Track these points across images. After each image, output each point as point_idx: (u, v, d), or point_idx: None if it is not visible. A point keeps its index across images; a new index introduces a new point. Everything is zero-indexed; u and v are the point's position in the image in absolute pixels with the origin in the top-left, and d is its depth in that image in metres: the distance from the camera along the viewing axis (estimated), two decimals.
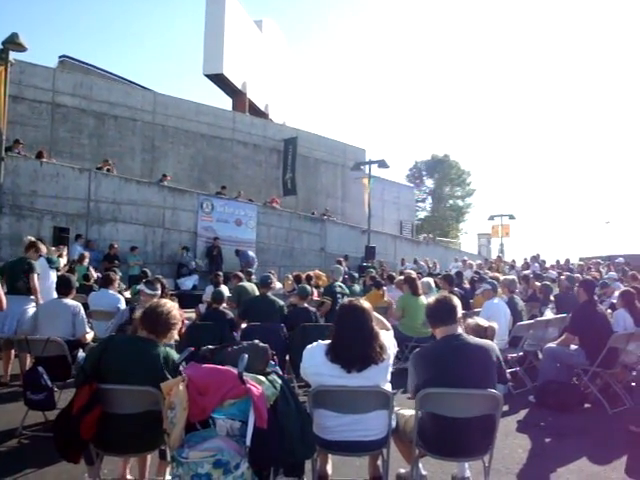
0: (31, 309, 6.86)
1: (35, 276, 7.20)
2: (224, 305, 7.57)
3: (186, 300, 12.43)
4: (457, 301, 3.67)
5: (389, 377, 3.44)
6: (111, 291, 8.09)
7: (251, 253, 17.89)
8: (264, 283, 7.84)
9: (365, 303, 3.51)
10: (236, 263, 17.73)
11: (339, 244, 23.04)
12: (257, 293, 8.86)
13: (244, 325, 7.21)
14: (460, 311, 3.64)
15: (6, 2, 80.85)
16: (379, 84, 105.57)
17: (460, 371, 3.37)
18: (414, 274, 10.67)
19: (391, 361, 3.45)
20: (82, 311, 5.91)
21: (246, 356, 3.08)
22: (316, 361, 3.40)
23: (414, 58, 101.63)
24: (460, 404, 3.38)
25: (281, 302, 7.74)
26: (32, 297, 7.10)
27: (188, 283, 16.62)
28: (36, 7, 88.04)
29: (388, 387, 3.44)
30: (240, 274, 10.86)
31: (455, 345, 3.45)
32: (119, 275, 10.54)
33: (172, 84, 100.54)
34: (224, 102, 28.85)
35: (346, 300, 3.55)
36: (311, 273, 12.86)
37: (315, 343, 3.53)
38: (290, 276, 12.34)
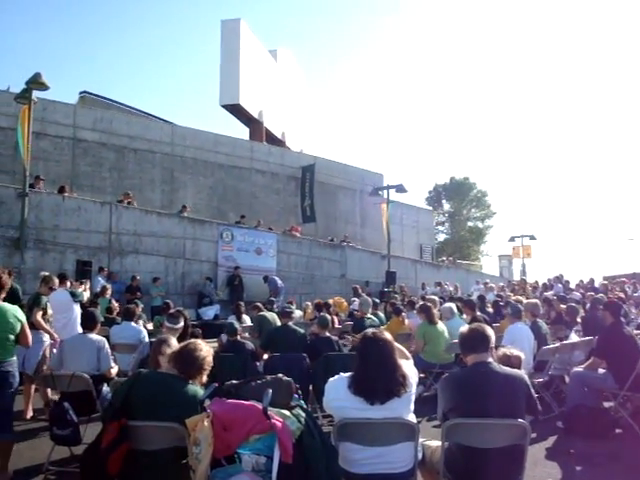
0: (36, 344, 6.88)
1: (38, 311, 7.28)
2: (245, 335, 7.59)
3: (208, 330, 12.42)
4: (490, 331, 3.66)
5: (412, 407, 3.40)
6: (133, 324, 8.15)
7: (279, 280, 17.94)
8: (285, 313, 7.86)
9: (387, 335, 3.48)
10: (256, 292, 17.79)
11: (359, 270, 23.00)
12: (278, 323, 8.86)
13: (266, 356, 7.21)
14: (493, 340, 3.63)
15: (28, 39, 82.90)
16: (395, 109, 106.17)
17: (487, 400, 3.34)
18: (435, 299, 10.61)
19: (414, 390, 3.41)
20: (107, 346, 5.95)
21: (270, 391, 3.08)
22: (339, 394, 3.37)
23: (429, 82, 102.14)
24: (487, 434, 3.34)
25: (302, 331, 7.74)
26: (40, 332, 7.17)
27: (210, 313, 16.64)
28: (56, 44, 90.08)
29: (412, 417, 3.40)
30: (259, 305, 10.91)
31: (483, 372, 3.43)
32: (141, 307, 10.62)
33: (190, 115, 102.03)
34: (241, 131, 29.16)
35: (369, 331, 3.52)
36: (330, 301, 12.87)
37: (337, 376, 3.50)
38: (310, 304, 12.35)
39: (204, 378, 3.72)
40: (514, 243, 32.70)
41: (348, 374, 3.42)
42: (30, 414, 7.11)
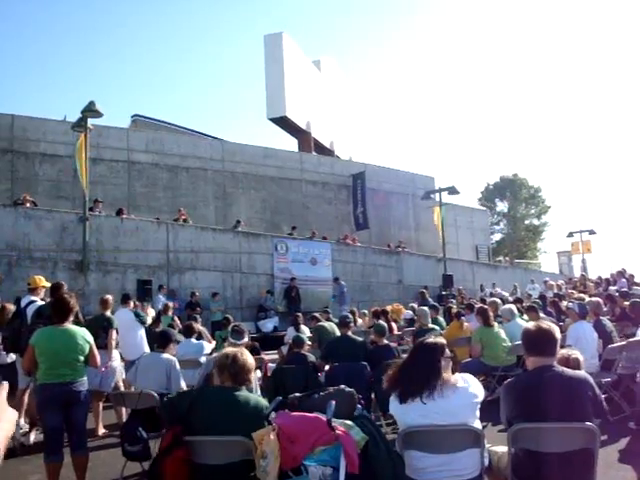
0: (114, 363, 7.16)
1: (113, 332, 7.53)
2: (306, 347, 7.64)
3: (268, 342, 12.60)
4: (559, 333, 3.55)
5: (477, 414, 3.38)
6: (194, 340, 8.33)
7: (345, 286, 18.16)
8: (343, 323, 7.89)
9: (439, 340, 3.49)
10: (312, 302, 17.94)
11: (416, 275, 22.84)
12: (337, 332, 8.88)
13: (327, 367, 7.25)
14: (559, 343, 3.53)
15: (78, 68, 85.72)
16: (442, 110, 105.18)
17: (552, 404, 3.27)
18: (498, 301, 10.46)
19: (480, 399, 3.39)
20: (177, 366, 6.11)
21: (334, 402, 3.13)
22: (393, 403, 3.42)
23: (474, 81, 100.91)
24: (554, 439, 3.29)
25: (361, 339, 7.77)
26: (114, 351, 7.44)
27: (269, 325, 16.83)
28: (105, 70, 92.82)
29: (478, 424, 3.38)
30: (317, 315, 10.96)
31: (548, 377, 3.35)
32: (200, 321, 10.84)
33: (239, 131, 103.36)
34: (290, 143, 29.44)
35: (422, 339, 3.53)
36: (388, 307, 12.83)
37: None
38: (367, 312, 12.34)
39: (251, 379, 3.77)
40: (573, 239, 31.76)
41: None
42: (102, 431, 7.35)
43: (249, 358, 3.67)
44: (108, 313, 8.00)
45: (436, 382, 3.28)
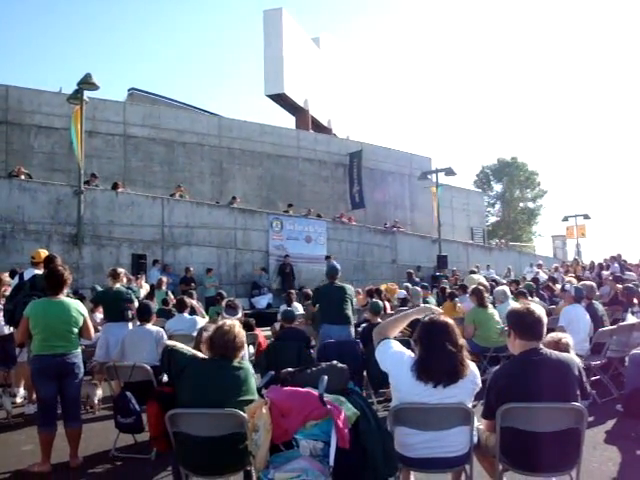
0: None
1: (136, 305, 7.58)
2: (296, 323, 7.70)
3: (262, 319, 12.64)
4: (545, 318, 3.53)
5: (473, 397, 3.42)
6: (186, 315, 8.35)
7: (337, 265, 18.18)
8: (330, 274, 8.36)
9: (446, 319, 3.48)
10: (307, 280, 17.99)
11: (410, 255, 22.90)
12: None
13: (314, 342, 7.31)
14: (545, 326, 3.52)
15: (75, 40, 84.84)
16: (440, 90, 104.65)
17: (541, 385, 3.30)
18: (486, 283, 10.50)
19: (478, 382, 3.43)
20: (165, 336, 6.16)
21: (326, 378, 3.14)
22: (401, 376, 3.40)
23: (472, 62, 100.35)
24: (542, 418, 3.33)
25: (346, 285, 8.35)
26: (129, 323, 7.45)
27: (262, 302, 16.87)
28: (102, 43, 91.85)
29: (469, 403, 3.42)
30: (309, 291, 11.01)
31: (535, 361, 3.37)
32: (195, 296, 10.85)
33: (236, 107, 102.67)
34: (287, 120, 29.25)
35: (427, 318, 3.52)
36: (382, 287, 12.85)
37: (404, 351, 3.52)
38: (361, 290, 12.36)
39: (242, 353, 3.78)
40: (568, 223, 31.85)
41: (412, 356, 3.44)
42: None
43: (241, 333, 3.68)
44: (119, 285, 7.96)
45: (459, 375, 3.31)
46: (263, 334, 8.31)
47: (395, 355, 3.50)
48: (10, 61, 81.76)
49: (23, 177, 14.82)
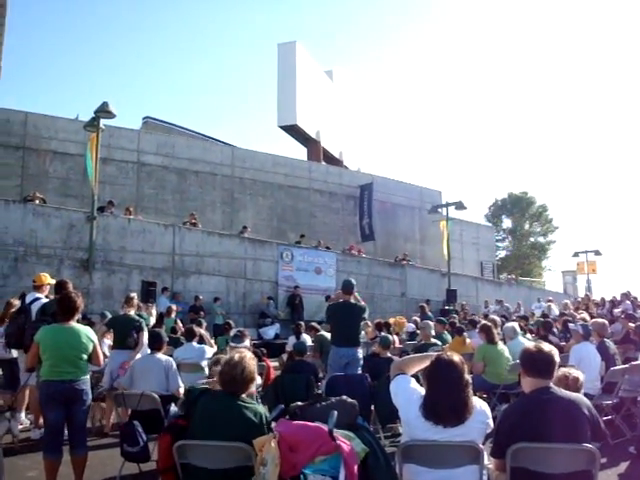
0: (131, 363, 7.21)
1: (145, 333, 7.57)
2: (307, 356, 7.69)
3: (269, 349, 12.59)
4: (557, 356, 3.54)
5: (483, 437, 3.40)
6: (194, 344, 8.34)
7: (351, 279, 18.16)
8: (346, 290, 8.21)
9: (456, 357, 3.47)
10: (315, 311, 17.94)
11: (419, 288, 22.81)
12: None
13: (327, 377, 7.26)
14: (557, 365, 3.52)
15: (92, 68, 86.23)
16: (451, 125, 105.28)
17: (551, 425, 3.27)
18: (496, 319, 10.44)
19: (490, 424, 3.41)
20: (174, 366, 6.14)
21: (335, 413, 3.13)
22: (410, 414, 3.38)
23: (483, 98, 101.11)
24: (553, 459, 3.27)
25: (360, 303, 8.16)
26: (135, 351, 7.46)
27: (270, 332, 16.82)
28: (119, 71, 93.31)
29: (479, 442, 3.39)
30: (316, 325, 11.02)
31: (546, 399, 3.34)
32: (204, 325, 10.84)
33: (249, 137, 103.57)
34: (299, 151, 29.50)
35: (438, 355, 3.52)
36: (391, 320, 12.82)
37: (416, 389, 3.50)
38: (370, 323, 12.33)
39: (252, 387, 3.74)
40: (578, 258, 31.71)
41: (422, 393, 3.43)
42: (109, 429, 7.38)
43: (252, 366, 3.65)
44: (132, 312, 7.99)
45: (464, 415, 3.29)
46: (273, 365, 8.29)
47: (407, 391, 3.49)
48: (28, 88, 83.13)
49: (38, 202, 14.99)
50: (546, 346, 3.58)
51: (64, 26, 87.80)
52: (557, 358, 3.52)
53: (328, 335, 9.76)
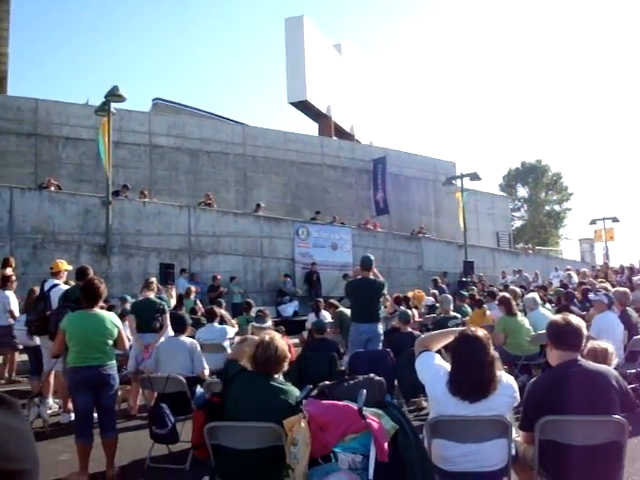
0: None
1: (168, 315, 7.66)
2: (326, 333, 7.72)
3: (288, 327, 12.65)
4: (585, 328, 3.53)
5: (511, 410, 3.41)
6: (216, 324, 8.40)
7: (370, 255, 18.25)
8: (364, 266, 8.14)
9: (481, 331, 3.47)
10: (333, 287, 18.00)
11: (436, 261, 22.75)
12: None
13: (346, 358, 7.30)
14: (584, 337, 3.52)
15: (99, 51, 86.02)
16: (464, 96, 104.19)
17: (579, 397, 3.28)
18: (517, 290, 10.40)
19: (517, 397, 3.42)
20: (199, 348, 6.20)
21: (365, 391, 3.14)
22: (437, 390, 3.40)
23: (498, 65, 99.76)
24: (582, 431, 3.30)
25: (379, 279, 8.13)
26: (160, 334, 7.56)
27: (289, 310, 16.88)
28: (126, 53, 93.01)
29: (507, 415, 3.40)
30: (335, 302, 11.03)
31: (572, 372, 3.35)
32: (224, 305, 10.91)
33: (259, 115, 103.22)
34: (310, 127, 29.36)
35: (458, 332, 3.52)
36: (409, 294, 12.80)
37: (442, 365, 3.51)
38: (389, 298, 12.34)
39: (285, 366, 3.76)
40: (595, 226, 31.40)
41: (448, 368, 3.43)
42: (136, 411, 7.49)
43: (283, 345, 3.68)
44: (152, 296, 8.07)
45: (489, 390, 3.29)
46: (292, 342, 8.33)
47: (433, 368, 3.50)
48: (37, 74, 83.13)
49: (53, 188, 15.05)
50: (574, 318, 3.57)
51: (65, 9, 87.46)
52: (585, 330, 3.51)
53: (347, 311, 9.80)
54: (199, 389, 5.76)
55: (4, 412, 0.71)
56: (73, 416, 6.65)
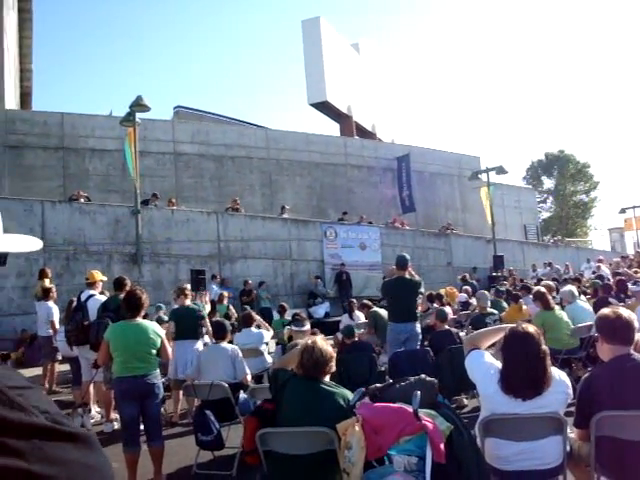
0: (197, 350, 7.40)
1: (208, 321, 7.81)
2: (359, 333, 7.72)
3: (321, 328, 12.64)
4: (636, 321, 3.45)
5: (565, 406, 3.36)
6: (253, 329, 8.41)
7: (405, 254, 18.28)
8: (400, 265, 8.15)
9: (531, 327, 3.42)
10: (363, 287, 17.99)
11: (465, 257, 22.55)
12: None
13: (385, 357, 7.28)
14: (636, 331, 3.45)
15: (120, 62, 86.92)
16: (485, 89, 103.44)
17: (637, 393, 3.22)
18: (551, 284, 10.27)
19: (571, 393, 3.37)
20: (240, 354, 6.21)
21: (419, 393, 3.11)
22: (489, 389, 3.36)
23: (518, 57, 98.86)
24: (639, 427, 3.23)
25: (416, 278, 8.22)
26: (199, 340, 7.62)
27: (320, 311, 16.86)
28: (146, 63, 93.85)
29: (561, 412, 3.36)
30: (368, 302, 10.99)
31: (629, 367, 3.28)
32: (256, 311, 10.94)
33: (281, 118, 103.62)
34: (332, 128, 29.37)
35: (507, 330, 3.47)
36: (442, 291, 12.71)
37: (493, 363, 3.47)
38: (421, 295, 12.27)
39: (333, 367, 3.74)
40: (625, 215, 30.85)
41: (499, 367, 3.39)
42: (177, 418, 7.54)
43: (327, 346, 3.66)
44: (188, 302, 8.13)
45: (543, 387, 3.26)
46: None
47: (484, 366, 3.46)
48: (58, 88, 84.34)
49: (82, 200, 15.23)
50: (624, 311, 3.51)
51: (82, 25, 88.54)
52: (637, 323, 3.45)
53: (381, 311, 9.76)
54: (242, 395, 5.77)
55: (80, 449, 0.66)
56: (116, 425, 6.74)
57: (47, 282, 9.80)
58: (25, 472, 0.60)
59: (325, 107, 26.61)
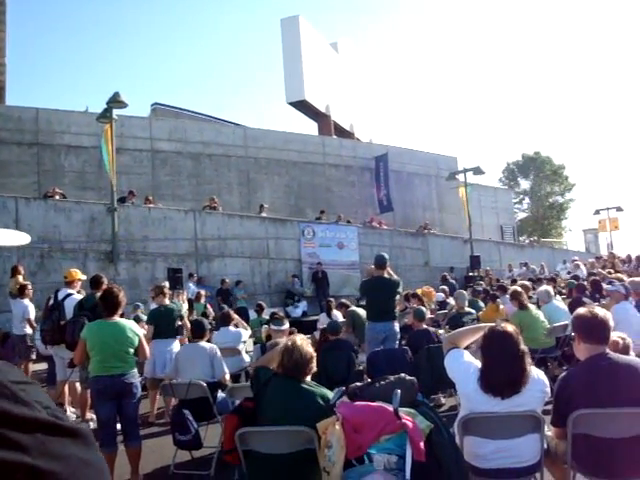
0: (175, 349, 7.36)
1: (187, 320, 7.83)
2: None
3: (298, 327, 12.63)
4: (611, 320, 3.50)
5: (542, 405, 3.39)
6: (231, 328, 8.37)
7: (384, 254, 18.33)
8: (378, 265, 8.19)
9: (510, 327, 3.45)
10: (341, 286, 17.97)
11: (442, 256, 22.67)
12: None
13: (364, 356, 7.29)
14: (611, 329, 3.50)
15: (96, 58, 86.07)
16: (461, 91, 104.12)
17: (613, 391, 3.27)
18: (527, 284, 10.37)
19: (548, 391, 3.41)
20: (219, 353, 6.18)
21: (399, 392, 3.12)
22: (468, 388, 3.38)
23: (495, 59, 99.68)
24: (618, 424, 3.30)
25: (394, 277, 8.15)
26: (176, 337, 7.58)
27: (298, 311, 16.84)
28: (123, 59, 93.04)
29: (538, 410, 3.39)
30: (346, 302, 11.00)
31: (604, 366, 3.33)
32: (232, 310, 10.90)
33: (259, 116, 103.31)
34: (310, 127, 29.34)
35: (487, 329, 3.50)
36: (418, 291, 12.76)
37: (472, 362, 3.49)
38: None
39: (314, 368, 3.74)
40: (599, 216, 31.22)
41: (478, 366, 3.41)
42: (154, 418, 7.47)
43: (307, 346, 3.66)
44: (167, 301, 8.07)
45: (521, 386, 3.28)
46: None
47: (463, 365, 3.49)
48: (36, 83, 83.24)
49: (57, 197, 15.03)
50: (600, 311, 3.56)
51: (57, 15, 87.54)
52: (612, 322, 3.49)
53: (359, 310, 9.78)
54: (221, 394, 5.74)
55: (78, 444, 0.67)
56: (92, 425, 6.66)
57: (20, 279, 9.64)
58: (28, 467, 0.61)
59: (303, 106, 26.54)
